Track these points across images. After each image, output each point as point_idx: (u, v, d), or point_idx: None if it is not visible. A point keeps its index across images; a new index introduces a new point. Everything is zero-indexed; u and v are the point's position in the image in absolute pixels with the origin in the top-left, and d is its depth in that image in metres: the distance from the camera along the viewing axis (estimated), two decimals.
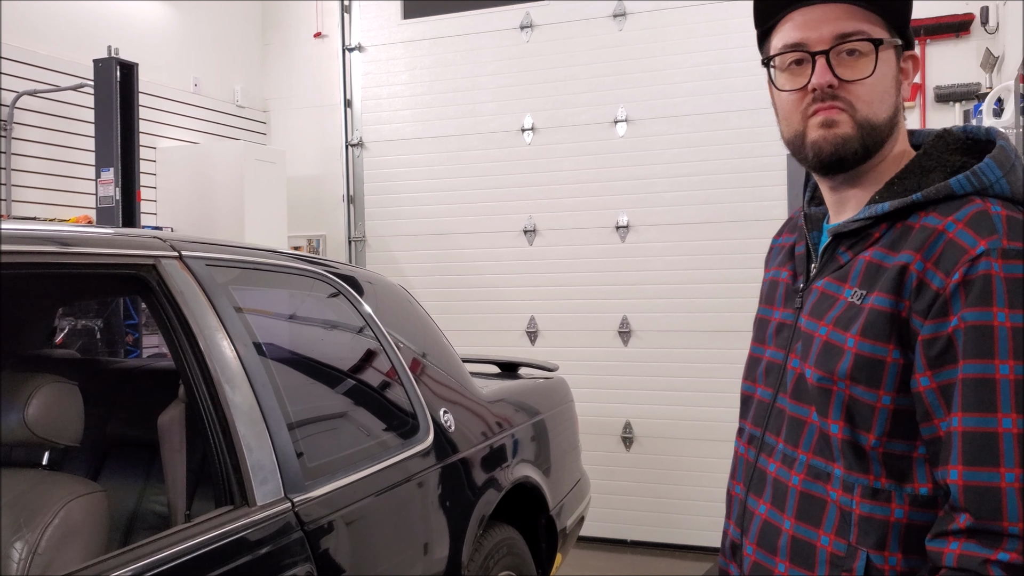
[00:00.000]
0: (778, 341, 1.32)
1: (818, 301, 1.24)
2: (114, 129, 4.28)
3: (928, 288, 1.10)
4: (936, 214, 1.14)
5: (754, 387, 1.37)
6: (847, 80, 1.19)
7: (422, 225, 5.64)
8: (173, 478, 1.83)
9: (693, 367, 4.94)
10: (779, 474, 1.26)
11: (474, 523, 2.45)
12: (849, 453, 1.17)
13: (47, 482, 1.71)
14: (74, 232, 1.80)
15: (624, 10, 5.16)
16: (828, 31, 1.19)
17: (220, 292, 1.90)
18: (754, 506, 1.30)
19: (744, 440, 1.38)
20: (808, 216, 1.36)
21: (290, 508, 1.79)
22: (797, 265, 1.35)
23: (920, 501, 1.13)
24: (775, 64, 1.26)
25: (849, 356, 1.15)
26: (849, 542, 1.16)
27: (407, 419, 2.36)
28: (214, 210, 5.05)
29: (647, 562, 4.96)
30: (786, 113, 1.26)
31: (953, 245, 1.10)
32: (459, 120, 5.54)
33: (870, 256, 1.19)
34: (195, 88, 5.51)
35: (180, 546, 1.55)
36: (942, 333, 1.08)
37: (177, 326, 1.78)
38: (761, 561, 1.27)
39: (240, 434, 1.75)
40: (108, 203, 4.29)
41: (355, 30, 5.86)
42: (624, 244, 5.16)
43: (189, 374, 1.76)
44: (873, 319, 1.14)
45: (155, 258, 1.80)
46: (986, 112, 3.04)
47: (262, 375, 1.88)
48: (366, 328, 2.41)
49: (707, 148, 4.98)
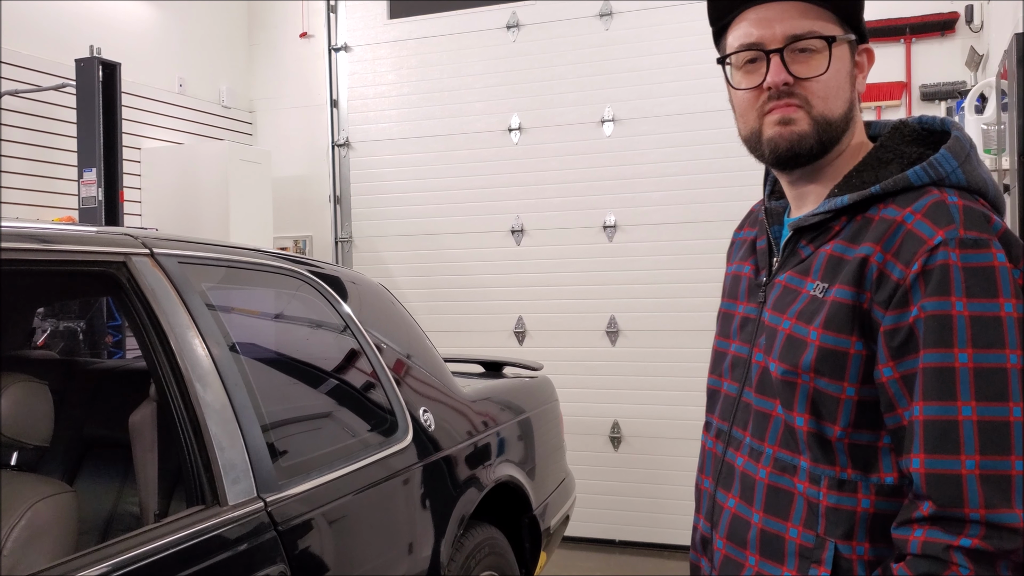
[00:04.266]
0: (743, 336, 1.33)
1: (781, 295, 1.25)
2: (96, 129, 4.26)
3: (888, 279, 1.11)
4: (895, 205, 1.15)
5: (720, 381, 1.38)
6: (801, 78, 1.20)
7: (409, 225, 5.62)
8: (145, 478, 1.81)
9: (681, 366, 4.93)
10: (747, 468, 1.27)
11: (454, 523, 2.43)
12: (815, 445, 1.18)
13: (14, 483, 1.69)
14: (43, 229, 1.78)
15: (610, 10, 5.15)
16: (781, 30, 1.20)
17: (192, 290, 1.88)
18: (723, 500, 1.31)
19: (712, 434, 1.38)
20: (769, 210, 1.37)
21: (263, 508, 1.76)
22: (759, 259, 1.36)
23: (886, 491, 1.14)
24: (730, 62, 1.27)
25: (812, 349, 1.16)
26: (817, 533, 1.17)
27: (385, 418, 2.34)
28: (199, 211, 5.02)
29: (635, 562, 4.94)
30: (742, 110, 1.27)
31: (912, 236, 1.11)
32: (446, 120, 5.52)
33: (831, 249, 1.20)
34: (180, 88, 5.48)
35: (148, 546, 1.52)
36: (903, 324, 1.09)
37: (148, 324, 1.76)
38: (731, 555, 1.28)
39: (212, 433, 1.73)
40: (91, 203, 4.26)
41: (341, 30, 5.84)
42: (611, 244, 5.15)
43: (160, 372, 1.74)
44: (835, 311, 1.15)
45: (125, 255, 1.78)
46: (968, 108, 3.04)
47: (235, 374, 1.86)
48: (344, 327, 2.39)
49: (694, 148, 4.97)
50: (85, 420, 2.48)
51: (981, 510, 1.02)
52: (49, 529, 1.63)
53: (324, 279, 2.44)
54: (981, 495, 1.02)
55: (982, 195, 1.17)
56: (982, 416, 1.03)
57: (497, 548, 2.74)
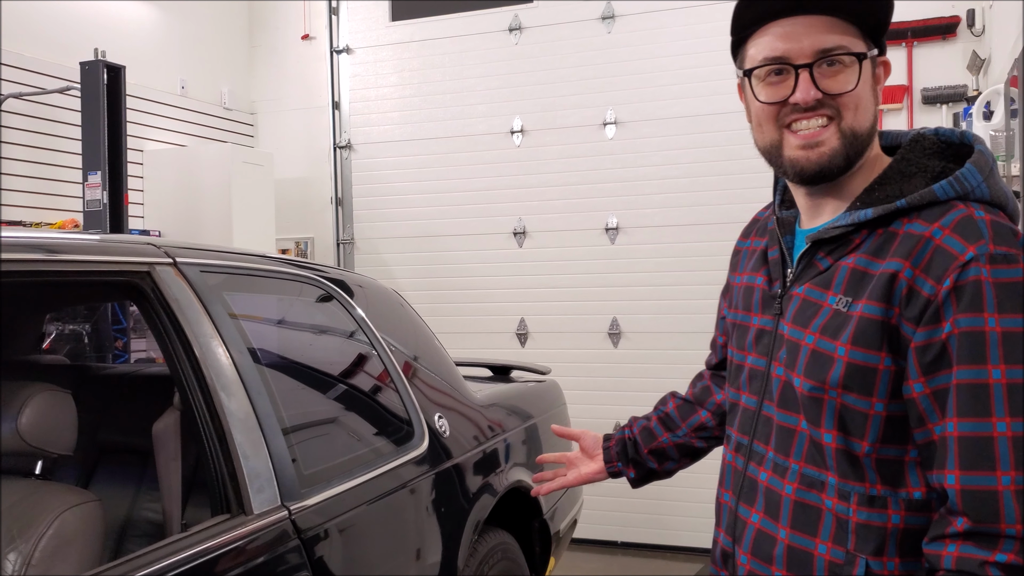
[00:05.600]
0: (759, 348, 1.32)
1: (800, 308, 1.24)
2: (101, 132, 4.25)
3: (919, 295, 1.11)
4: (921, 220, 1.15)
5: (739, 394, 1.37)
6: (831, 94, 1.19)
7: (411, 227, 5.63)
8: (168, 486, 1.82)
9: (683, 368, 4.87)
10: (771, 483, 1.26)
11: (469, 529, 2.45)
12: (843, 461, 1.18)
13: (41, 492, 1.69)
14: (68, 239, 1.79)
15: (613, 12, 5.16)
16: (809, 44, 1.19)
17: (215, 299, 1.89)
18: (746, 515, 1.30)
19: (731, 448, 1.38)
20: (780, 220, 1.36)
21: (287, 516, 1.77)
22: (772, 270, 1.34)
23: (915, 505, 1.15)
24: (754, 75, 1.25)
25: (840, 365, 1.16)
26: (847, 549, 1.17)
27: (402, 425, 2.35)
28: (202, 213, 5.02)
29: (638, 563, 4.97)
30: (761, 121, 1.26)
31: (942, 252, 1.11)
32: (448, 122, 5.53)
33: (853, 263, 1.19)
34: (182, 90, 5.48)
35: (178, 556, 1.53)
36: (935, 339, 1.09)
37: (172, 333, 1.77)
38: (756, 571, 1.28)
39: (236, 442, 1.74)
40: (95, 207, 4.26)
41: (343, 32, 5.84)
42: (614, 246, 5.16)
43: (184, 381, 1.75)
44: (864, 327, 1.14)
45: (149, 265, 1.78)
46: (976, 114, 3.06)
47: (257, 382, 1.87)
48: (359, 333, 2.40)
49: (696, 150, 4.99)
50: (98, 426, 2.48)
51: (1017, 525, 1.02)
52: (76, 538, 1.63)
53: (337, 284, 2.45)
54: (1017, 511, 1.02)
55: (1002, 208, 1.17)
56: (1016, 432, 1.04)
57: (509, 553, 2.75)
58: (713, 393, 1.64)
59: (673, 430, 1.68)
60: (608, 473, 1.75)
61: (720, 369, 1.62)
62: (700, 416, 1.66)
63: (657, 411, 1.72)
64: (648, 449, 1.69)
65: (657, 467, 1.70)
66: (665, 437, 1.68)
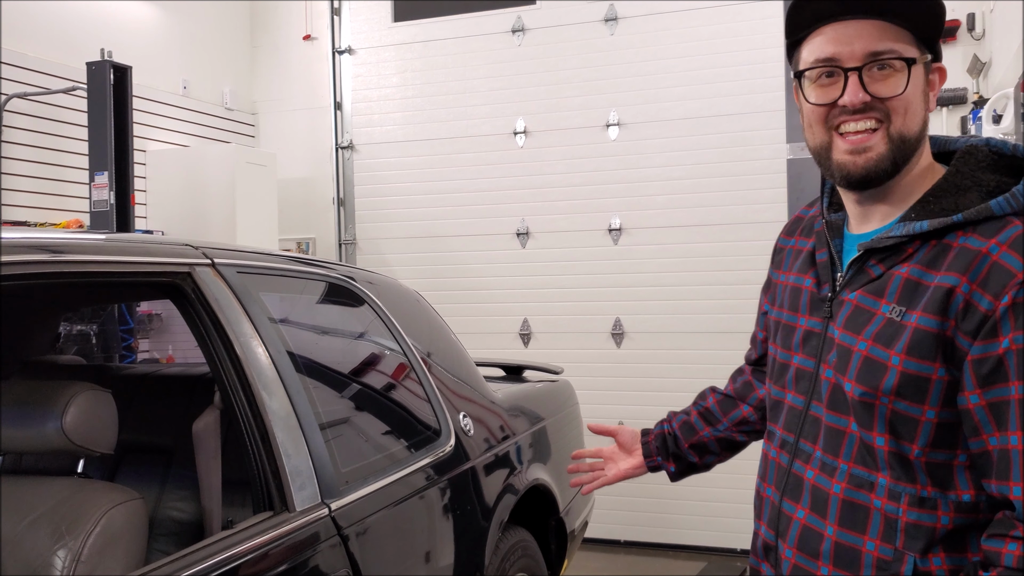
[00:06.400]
0: (806, 349, 1.35)
1: (853, 314, 1.27)
2: (108, 132, 4.25)
3: (976, 310, 1.14)
4: (976, 235, 1.17)
5: (784, 392, 1.39)
6: (879, 97, 1.21)
7: (414, 228, 5.65)
8: (209, 485, 1.83)
9: (686, 368, 4.99)
10: (818, 481, 1.29)
11: (495, 526, 2.47)
12: (896, 464, 1.21)
13: (86, 490, 1.70)
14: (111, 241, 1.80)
15: (616, 14, 5.20)
16: (860, 48, 1.21)
17: (251, 299, 1.91)
18: (791, 511, 1.33)
19: (776, 444, 1.40)
20: (829, 223, 1.38)
21: (327, 513, 1.80)
22: (820, 272, 1.36)
23: (964, 508, 1.18)
24: (805, 76, 1.27)
25: (895, 373, 1.19)
26: (895, 547, 1.20)
27: (429, 423, 2.37)
28: (206, 213, 5.02)
29: (641, 562, 5.00)
30: (811, 123, 1.28)
31: (999, 268, 1.13)
32: (451, 123, 5.55)
33: (907, 273, 1.22)
34: (184, 91, 5.48)
35: (226, 553, 1.55)
36: (992, 353, 1.13)
37: (214, 333, 1.78)
38: (802, 565, 1.31)
39: (278, 440, 1.76)
40: (102, 207, 4.26)
41: (345, 32, 5.85)
42: (617, 247, 5.20)
43: (226, 381, 1.77)
44: (919, 338, 1.17)
45: (190, 266, 1.80)
46: (986, 118, 3.11)
47: (295, 381, 1.89)
48: (387, 332, 2.42)
49: (699, 152, 5.03)
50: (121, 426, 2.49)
51: None
52: (123, 535, 1.65)
53: (363, 284, 2.47)
54: None
55: None
56: None
57: (529, 551, 2.78)
58: (755, 388, 1.67)
59: (714, 424, 1.71)
60: (648, 468, 1.77)
61: (760, 364, 1.65)
62: (742, 411, 1.68)
63: (697, 406, 1.75)
64: (689, 443, 1.72)
65: (697, 461, 1.73)
66: (706, 431, 1.70)
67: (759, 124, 4.90)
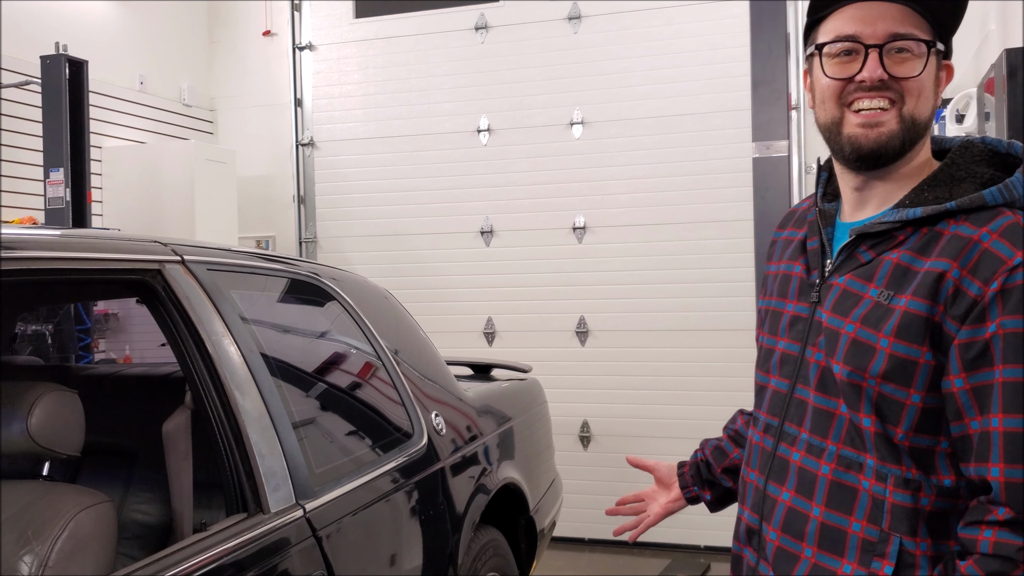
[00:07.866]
0: (792, 333, 1.37)
1: (841, 298, 1.29)
2: (63, 128, 4.16)
3: (965, 295, 1.16)
4: (968, 224, 1.20)
5: (768, 377, 1.41)
6: (897, 77, 1.24)
7: (376, 226, 5.60)
8: (179, 486, 1.79)
9: (650, 366, 5.02)
10: (805, 463, 1.30)
11: (468, 525, 2.45)
12: (882, 445, 1.23)
13: (53, 493, 1.65)
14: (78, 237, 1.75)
15: (579, 12, 5.20)
16: (883, 28, 1.24)
17: (223, 297, 1.87)
18: (776, 493, 1.34)
19: (759, 429, 1.41)
20: (822, 211, 1.40)
21: (303, 514, 1.77)
22: (810, 259, 1.39)
23: (945, 492, 1.20)
24: (824, 51, 1.29)
25: (883, 356, 1.21)
26: (881, 528, 1.22)
27: (402, 422, 2.35)
28: (163, 211, 4.93)
29: (605, 560, 5.01)
30: (825, 98, 1.30)
31: (989, 255, 1.16)
32: (413, 120, 5.51)
33: (897, 258, 1.24)
34: (140, 86, 5.37)
35: (201, 556, 1.52)
36: (979, 338, 1.15)
37: (184, 332, 1.75)
38: (786, 546, 1.31)
39: (252, 441, 1.73)
40: (58, 204, 4.16)
41: (306, 29, 5.78)
42: (581, 245, 5.20)
43: (198, 380, 1.73)
44: (908, 322, 1.19)
45: (160, 263, 1.76)
46: (949, 117, 3.17)
47: (268, 380, 1.86)
48: (359, 331, 2.39)
49: (662, 151, 5.05)
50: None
51: None
52: (91, 540, 1.60)
53: (333, 281, 2.44)
54: None
55: None
56: None
57: (500, 550, 2.77)
58: None
59: (743, 446, 1.64)
60: (686, 500, 1.72)
61: None
62: None
63: (727, 430, 1.71)
64: (721, 468, 1.67)
65: (732, 486, 1.66)
66: (736, 453, 1.65)
67: (723, 123, 4.93)
